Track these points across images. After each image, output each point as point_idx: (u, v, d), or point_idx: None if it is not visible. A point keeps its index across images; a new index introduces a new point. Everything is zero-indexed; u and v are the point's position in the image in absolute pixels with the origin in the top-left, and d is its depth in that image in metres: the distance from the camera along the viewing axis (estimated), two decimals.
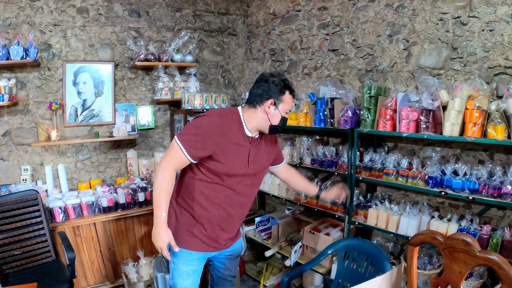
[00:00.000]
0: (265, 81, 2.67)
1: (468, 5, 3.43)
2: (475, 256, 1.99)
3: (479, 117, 3.01)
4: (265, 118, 2.68)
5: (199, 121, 2.59)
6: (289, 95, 2.73)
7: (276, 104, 2.67)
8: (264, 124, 2.71)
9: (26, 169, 4.82)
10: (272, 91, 2.65)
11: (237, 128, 2.68)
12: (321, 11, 4.87)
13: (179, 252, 2.78)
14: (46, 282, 3.64)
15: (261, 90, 2.66)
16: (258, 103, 2.67)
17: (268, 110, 2.67)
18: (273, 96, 2.65)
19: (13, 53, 4.32)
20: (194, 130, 2.56)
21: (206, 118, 2.60)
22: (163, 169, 2.54)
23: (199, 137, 2.53)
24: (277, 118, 2.71)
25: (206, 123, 2.57)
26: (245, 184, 2.82)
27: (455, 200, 3.70)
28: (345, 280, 3.39)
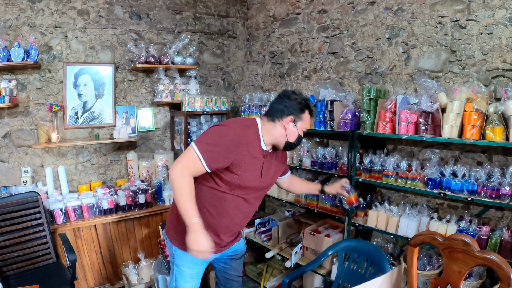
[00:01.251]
0: (287, 97, 2.70)
1: (466, 9, 3.45)
2: (474, 256, 2.01)
3: (478, 119, 3.03)
4: (282, 134, 2.71)
5: (222, 132, 2.56)
6: (308, 115, 2.78)
7: (296, 122, 2.71)
8: (281, 140, 2.74)
9: (26, 171, 4.83)
10: (293, 108, 2.68)
11: (256, 142, 2.68)
12: (321, 14, 4.89)
13: (183, 255, 2.78)
14: (47, 284, 3.66)
15: (282, 105, 2.69)
16: (278, 118, 2.69)
17: (287, 126, 2.69)
18: (294, 113, 2.68)
19: (13, 54, 4.33)
20: (216, 140, 2.52)
21: (230, 130, 2.57)
22: (181, 174, 2.47)
23: (221, 148, 2.50)
24: (294, 136, 2.75)
25: (230, 135, 2.54)
26: (254, 196, 2.85)
27: (454, 201, 3.72)
28: (345, 281, 3.40)
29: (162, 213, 5.04)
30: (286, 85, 5.54)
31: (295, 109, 2.68)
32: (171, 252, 2.88)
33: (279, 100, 2.73)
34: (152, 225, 5.00)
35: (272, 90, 5.76)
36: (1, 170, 4.76)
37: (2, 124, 4.70)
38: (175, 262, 2.88)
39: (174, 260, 2.89)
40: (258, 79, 6.20)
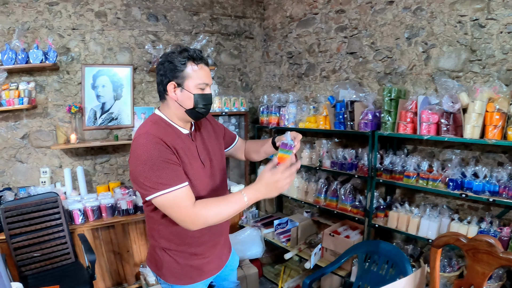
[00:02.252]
0: (161, 63, 2.20)
1: (486, 8, 3.42)
2: (498, 257, 1.98)
3: (500, 120, 3.01)
4: (176, 105, 2.20)
5: (144, 155, 2.03)
6: (196, 66, 2.16)
7: (181, 84, 2.15)
8: (181, 113, 2.23)
9: (45, 171, 4.85)
10: (169, 71, 2.15)
11: (172, 132, 2.22)
12: (339, 14, 4.87)
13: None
14: (66, 283, 3.67)
15: (160, 76, 2.21)
16: (164, 92, 2.21)
17: (175, 95, 2.18)
18: (172, 76, 2.15)
19: (32, 56, 4.36)
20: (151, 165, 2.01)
21: (147, 144, 2.04)
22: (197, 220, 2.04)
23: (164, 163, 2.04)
24: (190, 99, 2.16)
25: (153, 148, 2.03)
26: (210, 183, 2.38)
27: (474, 203, 3.68)
28: (365, 283, 3.38)
29: None
30: (304, 85, 5.52)
31: (171, 71, 2.14)
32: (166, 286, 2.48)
33: (156, 71, 2.23)
34: None
35: (290, 91, 5.74)
36: (20, 170, 4.79)
37: (21, 125, 4.73)
38: None
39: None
40: (275, 80, 6.18)
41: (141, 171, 2.01)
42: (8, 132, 4.66)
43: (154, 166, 2.00)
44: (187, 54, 2.14)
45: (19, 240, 3.88)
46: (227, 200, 2.07)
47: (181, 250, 2.36)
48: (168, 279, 2.41)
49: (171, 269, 2.39)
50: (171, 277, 2.40)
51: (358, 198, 4.21)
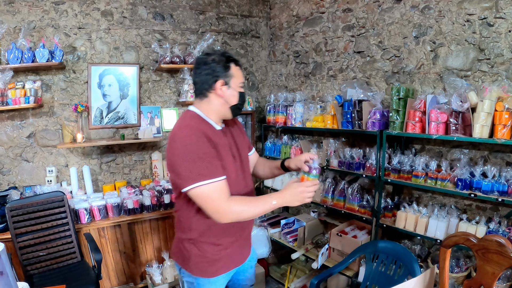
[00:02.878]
0: (204, 63, 2.36)
1: (494, 6, 3.39)
2: (509, 257, 1.98)
3: (509, 119, 2.99)
4: (222, 102, 2.39)
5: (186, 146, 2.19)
6: (236, 67, 2.41)
7: (228, 83, 2.36)
8: (224, 109, 2.42)
9: (51, 170, 4.86)
10: (217, 71, 2.33)
11: (210, 130, 2.35)
12: (346, 13, 4.84)
13: (207, 283, 2.51)
14: (72, 283, 3.66)
15: (204, 75, 2.36)
16: (208, 90, 2.37)
17: (222, 92, 2.36)
18: (220, 75, 2.34)
19: (38, 55, 4.36)
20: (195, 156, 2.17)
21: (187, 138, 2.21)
22: (230, 213, 2.19)
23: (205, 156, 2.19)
24: (235, 97, 2.40)
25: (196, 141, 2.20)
26: (239, 177, 2.52)
27: (482, 202, 3.66)
28: (373, 283, 3.36)
29: None
30: (311, 84, 5.50)
31: (219, 70, 2.33)
32: (191, 281, 2.55)
33: (198, 71, 2.39)
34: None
35: (297, 90, 5.73)
36: (25, 169, 4.80)
37: (27, 124, 4.74)
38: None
39: (196, 286, 2.54)
40: (282, 79, 6.17)
41: (181, 162, 2.17)
42: (14, 131, 4.66)
43: (195, 157, 2.15)
44: (229, 56, 2.38)
45: (24, 239, 3.87)
46: (257, 200, 2.26)
47: (211, 242, 2.44)
48: (194, 271, 2.48)
49: (198, 262, 2.46)
50: (197, 269, 2.47)
51: (365, 198, 4.18)
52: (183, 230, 2.49)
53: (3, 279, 1.57)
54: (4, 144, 4.65)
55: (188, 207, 2.39)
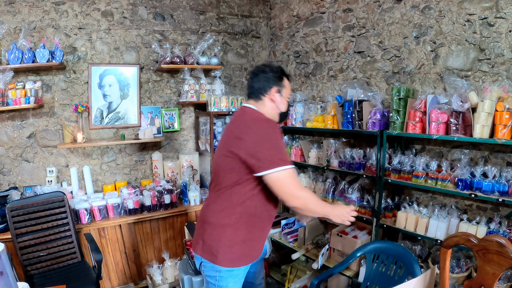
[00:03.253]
0: (263, 71, 2.77)
1: (494, 6, 3.39)
2: (509, 257, 1.98)
3: (509, 119, 2.98)
4: (273, 106, 2.78)
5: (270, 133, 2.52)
6: (287, 81, 2.85)
7: (280, 91, 2.77)
8: (274, 113, 2.81)
9: (51, 170, 4.86)
10: (273, 80, 2.75)
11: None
12: (346, 13, 4.85)
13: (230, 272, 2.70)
14: (72, 283, 3.67)
15: (262, 81, 2.74)
16: (263, 94, 2.75)
17: (275, 97, 2.75)
18: (276, 84, 2.75)
19: (39, 56, 4.36)
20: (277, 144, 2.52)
21: (269, 127, 2.55)
22: (302, 198, 2.51)
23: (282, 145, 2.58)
24: (284, 105, 2.83)
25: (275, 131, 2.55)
26: None
27: (483, 203, 3.65)
28: (373, 283, 3.36)
29: (187, 213, 5.04)
30: (312, 84, 5.50)
31: (275, 80, 2.75)
32: (213, 274, 2.72)
33: (256, 78, 2.78)
34: (177, 225, 5.00)
35: (298, 90, 5.73)
36: (26, 170, 4.80)
37: (27, 125, 4.74)
38: (219, 284, 2.74)
39: (218, 282, 2.73)
40: None
41: (264, 148, 2.45)
42: (15, 131, 4.67)
43: (277, 145, 2.50)
44: (284, 70, 2.85)
45: (25, 240, 3.87)
46: (319, 200, 2.65)
47: (245, 231, 2.67)
48: (223, 263, 2.65)
49: (227, 252, 2.64)
50: (226, 260, 2.65)
51: (366, 198, 4.18)
52: (220, 218, 2.67)
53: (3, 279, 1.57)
54: (5, 144, 4.66)
55: (238, 195, 2.61)
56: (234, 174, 2.58)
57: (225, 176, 2.64)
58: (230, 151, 2.55)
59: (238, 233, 2.64)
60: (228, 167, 2.60)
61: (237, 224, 2.63)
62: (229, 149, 2.57)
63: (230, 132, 2.71)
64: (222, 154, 2.65)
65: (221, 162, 2.67)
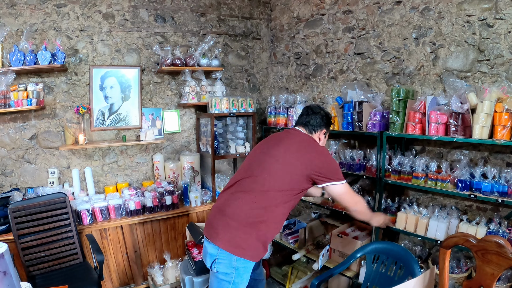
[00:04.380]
0: (320, 113, 3.29)
1: (494, 7, 3.40)
2: (508, 258, 1.99)
3: (508, 120, 2.99)
4: (320, 141, 3.30)
5: (331, 159, 3.13)
6: (330, 127, 3.45)
7: (326, 134, 3.35)
8: None
9: (53, 172, 4.87)
10: (325, 123, 3.29)
11: None
12: (346, 14, 4.86)
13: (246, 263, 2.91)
14: (74, 283, 3.67)
15: (319, 120, 3.25)
16: (315, 131, 3.26)
17: (322, 137, 3.30)
18: (326, 127, 3.31)
19: (40, 58, 4.38)
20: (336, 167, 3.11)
21: (329, 154, 3.19)
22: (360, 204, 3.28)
23: None
24: (324, 144, 3.33)
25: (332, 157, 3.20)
26: None
27: (483, 203, 3.66)
28: (373, 284, 3.38)
29: (188, 214, 5.04)
30: (312, 86, 5.52)
31: (326, 124, 3.30)
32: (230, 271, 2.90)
33: (314, 115, 3.27)
34: (178, 226, 5.01)
35: (298, 92, 5.74)
36: (28, 171, 4.82)
37: (29, 126, 4.76)
38: (235, 281, 2.92)
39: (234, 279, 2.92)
40: (283, 81, 6.19)
41: (333, 168, 3.06)
42: (17, 133, 4.69)
43: (337, 165, 3.14)
44: (331, 117, 3.47)
45: (27, 240, 3.89)
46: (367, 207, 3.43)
47: (276, 231, 3.04)
48: (249, 257, 2.88)
49: (257, 248, 2.91)
50: (251, 255, 2.89)
51: (366, 199, 4.19)
52: (260, 215, 2.89)
53: (6, 279, 1.59)
54: (7, 146, 4.68)
55: (284, 198, 2.96)
56: (293, 182, 2.96)
57: (278, 181, 2.94)
58: (294, 164, 2.97)
59: (269, 231, 2.95)
60: (287, 175, 2.96)
61: (272, 223, 2.95)
62: (292, 161, 2.98)
63: (292, 146, 3.09)
64: (282, 162, 2.99)
65: (274, 168, 2.97)
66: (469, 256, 3.54)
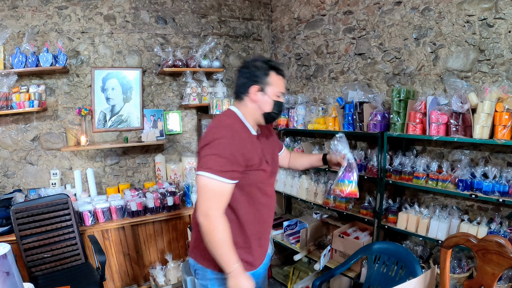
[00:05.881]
0: (246, 67, 2.43)
1: (494, 7, 3.39)
2: (508, 257, 1.98)
3: (509, 120, 2.98)
4: (255, 107, 2.41)
5: (221, 144, 2.21)
6: (277, 76, 2.43)
7: (263, 89, 2.38)
8: (258, 114, 2.44)
9: (55, 173, 4.89)
10: (255, 76, 2.37)
11: (245, 132, 2.40)
12: (347, 15, 4.86)
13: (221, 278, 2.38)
14: (76, 284, 3.70)
15: (244, 78, 2.41)
16: (244, 93, 2.41)
17: (256, 97, 2.38)
18: (257, 81, 2.36)
19: (42, 60, 4.40)
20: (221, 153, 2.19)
21: (224, 138, 2.23)
22: (211, 220, 2.17)
23: (230, 157, 2.19)
24: (269, 104, 2.41)
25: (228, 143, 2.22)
26: (272, 185, 2.63)
27: (484, 203, 3.65)
28: (375, 284, 3.37)
29: (190, 215, 5.06)
30: (313, 86, 5.52)
31: (257, 76, 2.36)
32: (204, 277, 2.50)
33: (239, 74, 2.47)
34: (179, 227, 5.02)
35: (299, 92, 5.75)
36: (30, 172, 4.84)
37: (31, 128, 4.78)
38: None
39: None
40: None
41: (207, 150, 2.22)
42: (19, 134, 4.71)
43: (218, 152, 2.19)
44: (272, 64, 2.41)
45: (29, 241, 3.91)
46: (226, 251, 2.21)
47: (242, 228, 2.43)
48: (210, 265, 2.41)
49: None
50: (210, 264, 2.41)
51: (367, 199, 4.19)
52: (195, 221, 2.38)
53: (9, 279, 1.60)
54: (9, 147, 4.69)
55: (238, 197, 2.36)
56: None
57: None
58: None
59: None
60: None
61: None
62: None
63: None
64: None
65: None
66: (470, 256, 3.53)
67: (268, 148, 2.59)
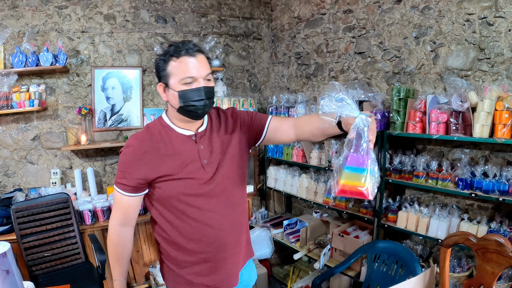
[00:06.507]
0: (154, 64, 2.05)
1: (494, 5, 3.40)
2: (508, 256, 1.97)
3: (509, 118, 2.98)
4: (170, 107, 2.06)
5: (122, 157, 2.04)
6: (178, 59, 1.91)
7: (167, 84, 1.95)
8: (175, 113, 2.05)
9: (55, 172, 4.89)
10: (158, 72, 2.00)
11: (166, 135, 2.07)
12: (347, 14, 4.87)
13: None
14: (76, 283, 3.68)
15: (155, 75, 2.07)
16: (160, 93, 2.06)
17: (165, 97, 2.03)
18: (160, 76, 1.98)
19: (42, 59, 4.40)
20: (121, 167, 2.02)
21: (122, 152, 2.05)
22: (109, 229, 2.15)
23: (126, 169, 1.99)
24: (175, 98, 1.95)
25: (125, 154, 2.03)
26: (214, 195, 2.10)
27: (484, 202, 3.66)
28: (375, 283, 3.38)
29: None
30: (313, 85, 5.52)
31: (159, 71, 1.97)
32: None
33: None
34: None
35: (299, 91, 5.74)
36: (30, 171, 4.84)
37: (32, 127, 4.78)
38: None
39: None
40: (284, 80, 6.19)
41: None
42: (19, 133, 4.71)
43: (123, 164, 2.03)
44: (170, 49, 1.95)
45: (29, 240, 3.91)
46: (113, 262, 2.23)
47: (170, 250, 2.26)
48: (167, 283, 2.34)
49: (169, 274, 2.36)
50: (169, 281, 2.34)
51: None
52: None
53: (9, 278, 1.60)
54: (9, 147, 4.69)
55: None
56: None
57: None
58: None
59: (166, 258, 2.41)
60: None
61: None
62: None
63: None
64: None
65: None
66: (470, 255, 3.53)
67: (216, 148, 2.13)
